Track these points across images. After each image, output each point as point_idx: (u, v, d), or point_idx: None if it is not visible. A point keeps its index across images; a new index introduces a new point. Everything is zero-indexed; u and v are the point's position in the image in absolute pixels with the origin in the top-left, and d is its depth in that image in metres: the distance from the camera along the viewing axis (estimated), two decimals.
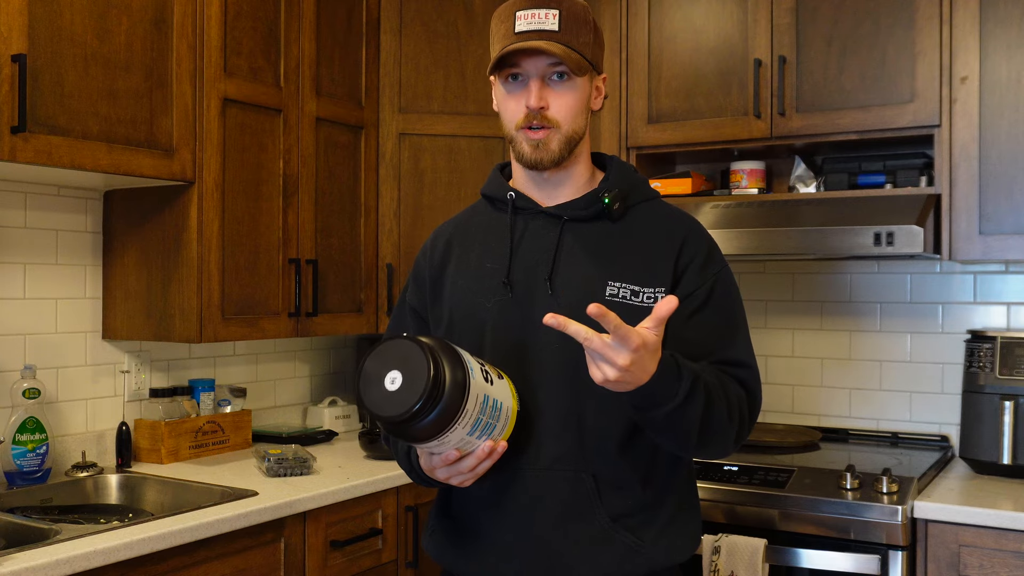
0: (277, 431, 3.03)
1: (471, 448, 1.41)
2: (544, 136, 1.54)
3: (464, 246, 1.65)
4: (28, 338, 2.48)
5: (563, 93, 1.54)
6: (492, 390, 1.39)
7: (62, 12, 2.14)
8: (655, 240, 1.58)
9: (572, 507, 1.51)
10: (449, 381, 1.32)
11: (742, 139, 2.83)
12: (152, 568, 1.94)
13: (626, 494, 1.52)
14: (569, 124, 1.55)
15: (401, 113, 3.09)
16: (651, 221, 1.61)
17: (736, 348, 1.56)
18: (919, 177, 2.66)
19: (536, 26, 1.51)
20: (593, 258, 1.55)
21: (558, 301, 1.52)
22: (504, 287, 1.56)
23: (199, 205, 2.49)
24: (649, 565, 1.52)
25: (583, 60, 1.52)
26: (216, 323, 2.52)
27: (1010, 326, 2.81)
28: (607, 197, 1.57)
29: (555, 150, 1.54)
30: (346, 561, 2.42)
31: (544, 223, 1.59)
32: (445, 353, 1.35)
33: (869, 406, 3.02)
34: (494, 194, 1.66)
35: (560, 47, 1.49)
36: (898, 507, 2.24)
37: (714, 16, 2.88)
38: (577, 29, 1.52)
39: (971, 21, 2.52)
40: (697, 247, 1.58)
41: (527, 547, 1.52)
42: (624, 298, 1.52)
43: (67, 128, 2.15)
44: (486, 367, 1.41)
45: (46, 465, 2.39)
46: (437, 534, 1.64)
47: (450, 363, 1.34)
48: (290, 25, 2.75)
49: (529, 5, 1.52)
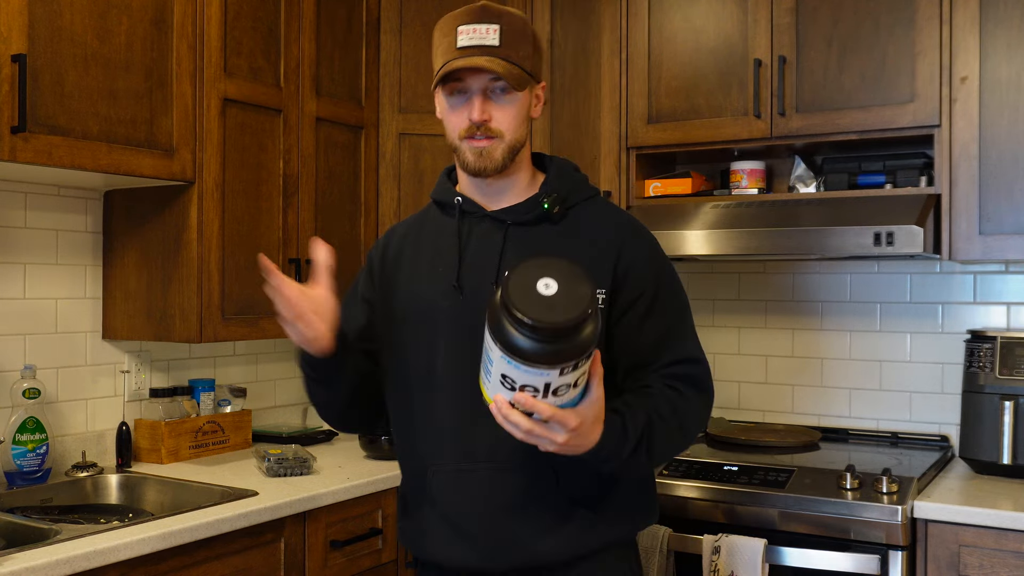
0: (277, 431, 3.03)
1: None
2: (488, 145, 1.60)
3: (416, 247, 1.72)
4: (28, 338, 2.48)
5: (504, 106, 1.60)
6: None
7: (62, 12, 2.14)
8: (595, 242, 1.63)
9: (532, 495, 1.58)
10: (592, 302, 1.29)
11: (742, 139, 2.83)
12: (152, 568, 1.94)
13: (584, 483, 1.59)
14: (512, 134, 1.61)
15: (401, 113, 3.10)
16: (591, 222, 1.67)
17: (687, 346, 1.64)
18: (919, 177, 2.66)
19: (477, 41, 1.56)
20: None
21: None
22: (455, 290, 1.63)
23: (199, 205, 2.49)
24: (608, 535, 1.63)
25: (523, 74, 1.59)
26: (216, 323, 2.52)
27: (1010, 326, 2.81)
28: (546, 202, 1.63)
29: (498, 159, 1.61)
30: (346, 561, 2.42)
31: (489, 227, 1.66)
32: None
33: (869, 406, 3.02)
34: (443, 199, 1.72)
35: (501, 64, 1.55)
36: (898, 507, 2.24)
37: (714, 16, 2.88)
38: (517, 43, 1.58)
39: (971, 21, 2.52)
40: (638, 248, 1.65)
41: (490, 535, 1.59)
42: None
43: (67, 128, 2.15)
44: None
45: (46, 465, 2.39)
46: (408, 527, 1.72)
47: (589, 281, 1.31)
48: (290, 25, 2.75)
49: (470, 20, 1.58)
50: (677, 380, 1.60)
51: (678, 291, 1.69)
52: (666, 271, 1.68)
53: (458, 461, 1.60)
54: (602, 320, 1.56)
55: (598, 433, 1.41)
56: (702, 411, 1.64)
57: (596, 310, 1.30)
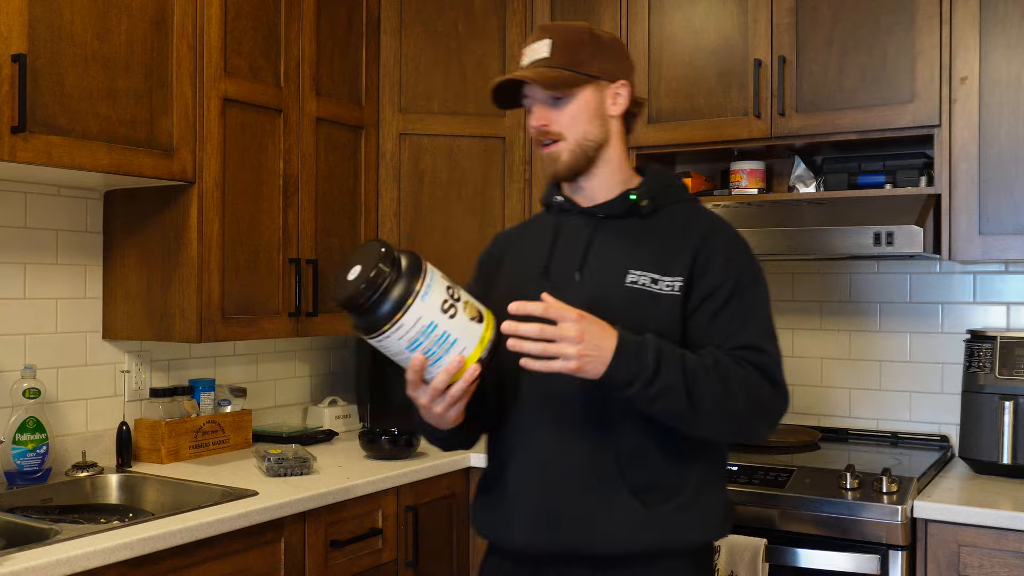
0: (277, 431, 3.03)
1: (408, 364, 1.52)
2: (552, 149, 1.70)
3: (518, 245, 1.84)
4: (28, 338, 2.49)
5: (561, 109, 1.69)
6: (445, 320, 1.48)
7: (62, 12, 2.14)
8: (679, 234, 1.68)
9: (593, 477, 1.61)
10: (388, 283, 1.45)
11: (742, 139, 2.83)
12: (152, 568, 1.94)
13: (647, 469, 1.61)
14: (573, 133, 1.69)
15: (401, 113, 3.10)
16: (679, 220, 1.72)
17: (749, 333, 1.63)
18: (919, 177, 2.66)
19: (531, 57, 1.70)
20: (620, 250, 1.68)
21: (584, 286, 1.67)
22: (542, 276, 1.71)
23: (199, 205, 2.49)
24: (660, 539, 1.60)
25: (566, 75, 1.66)
26: (216, 323, 2.52)
27: (1010, 326, 2.81)
28: (634, 194, 1.71)
29: (566, 160, 1.70)
30: (346, 561, 2.42)
31: (581, 221, 1.74)
32: (408, 267, 1.48)
33: (869, 406, 3.02)
34: (545, 200, 1.84)
35: (532, 71, 1.67)
36: (898, 507, 2.24)
37: (714, 16, 2.88)
38: (570, 49, 1.68)
39: (971, 21, 2.53)
40: (719, 244, 1.67)
41: (545, 518, 1.63)
42: (644, 285, 1.64)
43: (67, 128, 2.15)
44: (461, 303, 1.51)
45: (46, 465, 2.39)
46: (475, 507, 1.79)
47: (405, 274, 1.46)
48: (290, 25, 2.75)
49: (529, 41, 1.73)
50: (740, 359, 1.60)
51: (759, 294, 1.69)
52: (749, 272, 1.68)
53: (530, 438, 1.67)
54: (678, 306, 1.62)
55: (610, 341, 1.48)
56: (762, 392, 1.60)
57: (383, 279, 1.44)
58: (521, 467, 1.67)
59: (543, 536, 1.63)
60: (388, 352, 1.52)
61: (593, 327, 1.49)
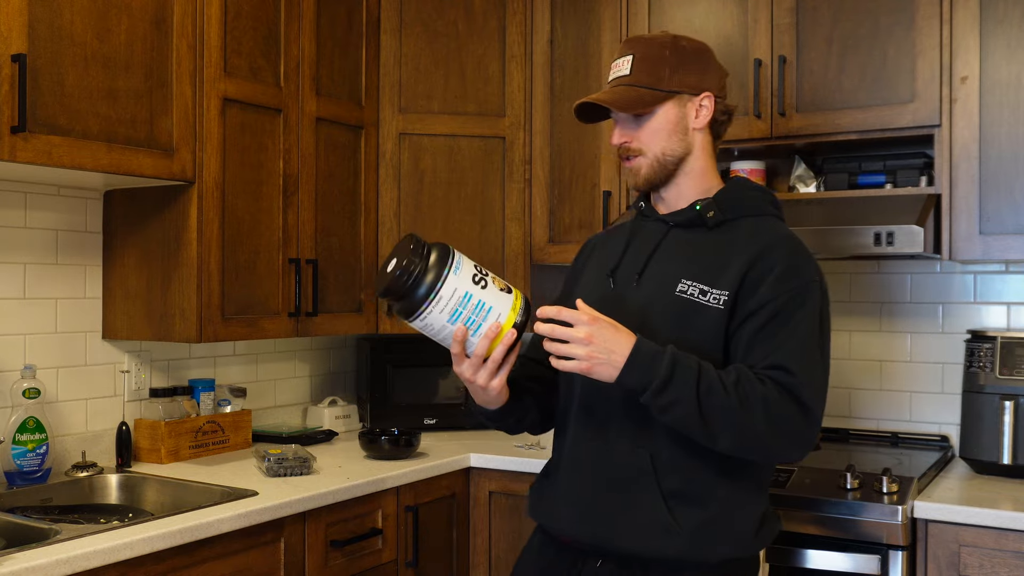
0: (277, 431, 3.03)
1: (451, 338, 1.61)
2: (631, 164, 1.77)
3: (602, 248, 1.90)
4: (28, 338, 2.48)
5: (642, 126, 1.75)
6: (478, 291, 1.60)
7: (62, 12, 2.14)
8: (737, 248, 1.69)
9: (627, 476, 1.66)
10: (423, 267, 1.58)
11: (742, 139, 2.83)
12: (152, 568, 1.94)
13: (681, 477, 1.65)
14: (653, 148, 1.75)
15: (401, 113, 3.09)
16: (746, 232, 1.72)
17: (782, 353, 1.60)
18: (919, 177, 2.65)
19: (615, 74, 1.78)
20: (680, 258, 1.73)
21: (640, 291, 1.73)
22: (607, 279, 1.79)
23: (199, 205, 2.49)
24: (685, 548, 1.63)
25: (640, 94, 1.72)
26: (216, 323, 2.52)
27: (1010, 326, 2.81)
28: (699, 204, 1.74)
29: (644, 174, 1.77)
30: (346, 561, 2.42)
31: (655, 228, 1.80)
32: (437, 250, 1.60)
33: (869, 406, 3.02)
34: (633, 205, 1.90)
35: (609, 92, 1.75)
36: (898, 507, 2.24)
37: (714, 16, 2.88)
38: (651, 67, 1.73)
39: (971, 21, 2.52)
40: (776, 260, 1.66)
41: (580, 508, 1.71)
42: (692, 295, 1.67)
43: (67, 128, 2.15)
44: (489, 277, 1.63)
45: (46, 465, 2.39)
46: (532, 491, 1.87)
47: (436, 256, 1.59)
48: (290, 25, 2.75)
49: (616, 56, 1.79)
50: (767, 378, 1.59)
51: (806, 316, 1.64)
52: (801, 294, 1.64)
53: (579, 435, 1.75)
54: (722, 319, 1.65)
55: (626, 344, 1.54)
56: (785, 412, 1.57)
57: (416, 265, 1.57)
58: (569, 461, 1.76)
59: (576, 528, 1.71)
60: (432, 332, 1.62)
61: (607, 331, 1.54)
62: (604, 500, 1.68)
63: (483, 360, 1.61)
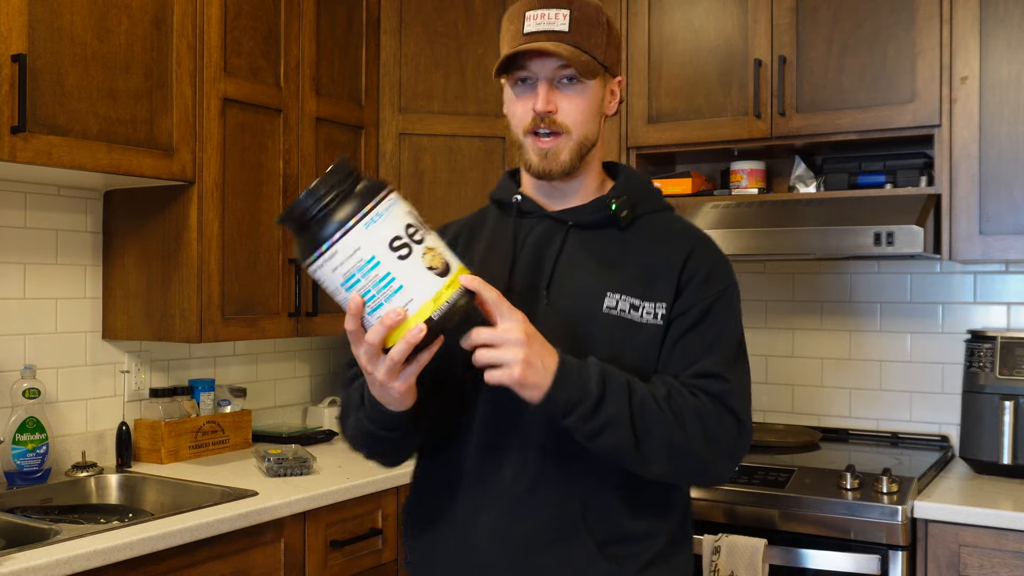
0: (277, 431, 3.03)
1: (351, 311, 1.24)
2: (553, 145, 1.47)
3: (468, 245, 1.59)
4: (28, 338, 2.48)
5: (573, 97, 1.47)
6: (391, 259, 1.21)
7: (62, 12, 2.14)
8: (661, 253, 1.49)
9: (557, 530, 1.42)
10: (335, 201, 1.21)
11: (742, 139, 2.83)
12: (152, 568, 1.94)
13: (614, 522, 1.44)
14: (579, 129, 1.48)
15: (401, 113, 3.10)
16: (659, 234, 1.53)
17: (711, 360, 1.44)
18: (919, 177, 2.66)
19: (545, 26, 1.44)
20: (595, 267, 1.48)
21: (554, 311, 1.45)
22: (505, 293, 1.43)
23: (199, 205, 2.48)
24: None
25: (593, 62, 1.45)
26: (216, 323, 2.52)
27: (1010, 326, 2.81)
28: (614, 203, 1.50)
29: (565, 160, 1.47)
30: (346, 561, 2.42)
31: (548, 228, 1.52)
32: (366, 185, 1.24)
33: (869, 406, 3.02)
34: (502, 198, 1.60)
35: (568, 48, 1.43)
36: (898, 507, 2.24)
37: (714, 16, 2.88)
38: (589, 30, 1.46)
39: (971, 21, 2.52)
40: (701, 263, 1.49)
41: (510, 568, 1.43)
42: (622, 311, 1.44)
43: (67, 128, 2.15)
44: (423, 245, 1.24)
45: (46, 465, 2.39)
46: (414, 552, 1.58)
47: (360, 191, 1.23)
48: (290, 25, 2.75)
49: (538, 5, 1.46)
50: (697, 389, 1.42)
51: (730, 315, 1.50)
52: (725, 293, 1.49)
53: (489, 476, 1.45)
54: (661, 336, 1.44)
55: (552, 360, 1.29)
56: (722, 427, 1.41)
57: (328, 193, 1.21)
58: (477, 509, 1.45)
59: None
60: (328, 290, 1.26)
61: (538, 336, 1.29)
62: (534, 559, 1.42)
63: (382, 350, 1.26)
